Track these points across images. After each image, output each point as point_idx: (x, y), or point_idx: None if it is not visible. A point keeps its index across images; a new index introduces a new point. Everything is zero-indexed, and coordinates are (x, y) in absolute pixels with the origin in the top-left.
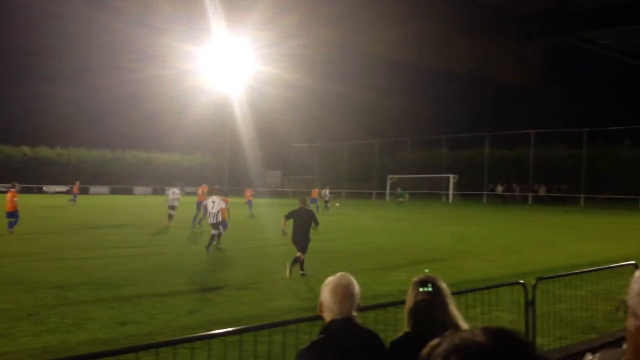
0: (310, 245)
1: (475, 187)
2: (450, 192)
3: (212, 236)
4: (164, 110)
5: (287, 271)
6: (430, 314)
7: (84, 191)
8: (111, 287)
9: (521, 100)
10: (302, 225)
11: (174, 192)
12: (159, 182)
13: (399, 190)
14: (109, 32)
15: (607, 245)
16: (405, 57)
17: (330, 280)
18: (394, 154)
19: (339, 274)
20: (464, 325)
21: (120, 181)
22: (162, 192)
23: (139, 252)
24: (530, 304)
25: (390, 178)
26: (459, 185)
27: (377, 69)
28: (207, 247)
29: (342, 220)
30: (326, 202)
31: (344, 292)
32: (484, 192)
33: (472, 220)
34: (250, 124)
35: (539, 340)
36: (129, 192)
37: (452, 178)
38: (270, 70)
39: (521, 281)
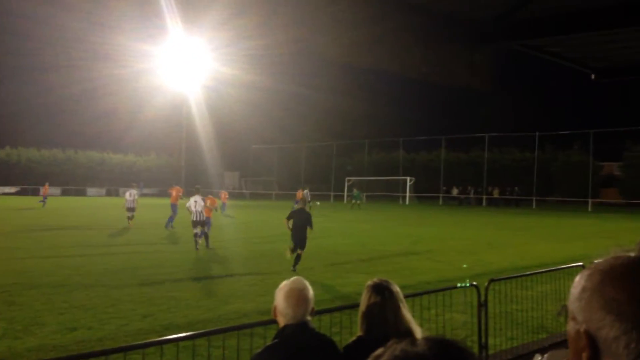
0: (267, 247)
1: (432, 189)
2: (407, 194)
3: (196, 234)
4: (118, 110)
5: (287, 252)
6: (382, 318)
7: (34, 192)
8: (61, 291)
9: (476, 105)
10: (300, 224)
11: (130, 194)
12: (113, 183)
13: (355, 191)
14: (58, 29)
15: (556, 246)
16: (360, 61)
17: (284, 284)
18: (352, 156)
19: (292, 278)
20: (416, 329)
21: (73, 182)
22: (116, 194)
23: (91, 254)
24: (482, 305)
25: (348, 180)
26: (415, 188)
27: (336, 71)
28: (196, 246)
29: None
30: (308, 202)
31: (297, 297)
32: (440, 195)
33: (428, 222)
34: (208, 125)
35: (491, 341)
36: (81, 193)
37: (409, 180)
38: (228, 70)
39: (474, 283)
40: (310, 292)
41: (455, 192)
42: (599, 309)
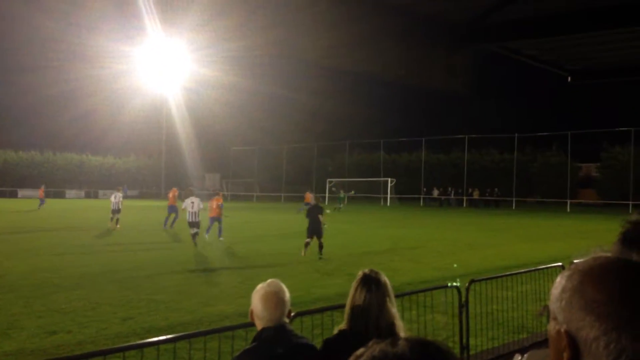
0: (248, 248)
1: (413, 190)
2: (388, 195)
3: (193, 234)
4: (97, 111)
5: (303, 251)
6: (366, 311)
7: (13, 194)
8: (40, 294)
9: (455, 106)
10: (314, 217)
11: (115, 196)
12: (92, 185)
13: (342, 193)
14: (35, 29)
15: (536, 247)
16: (340, 63)
17: (259, 287)
18: (333, 157)
19: (268, 280)
20: (399, 324)
21: (51, 184)
22: (95, 196)
23: (70, 257)
24: (463, 305)
25: (330, 181)
26: (396, 189)
27: (316, 72)
28: (195, 244)
29: (281, 224)
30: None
31: (273, 299)
32: (421, 196)
33: (409, 223)
34: (188, 127)
35: (472, 341)
36: (60, 195)
37: (389, 181)
38: (208, 72)
39: (455, 284)
40: (287, 294)
41: (435, 193)
42: (579, 310)
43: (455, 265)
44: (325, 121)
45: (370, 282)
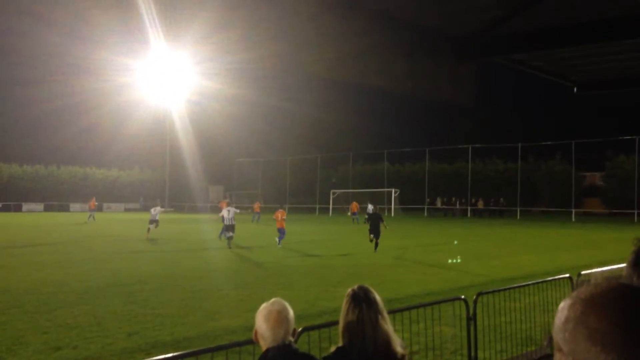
0: (254, 261)
1: (417, 201)
2: (392, 206)
3: (229, 237)
4: (101, 125)
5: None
6: (361, 332)
7: (16, 209)
8: (45, 309)
9: (459, 116)
10: (374, 222)
11: (155, 209)
12: (96, 198)
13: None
14: (39, 43)
15: (542, 257)
16: (344, 75)
17: (263, 307)
18: (337, 169)
19: (272, 299)
20: (395, 339)
21: (55, 198)
22: (100, 209)
23: (74, 272)
24: (471, 318)
25: (333, 192)
26: (400, 199)
27: (319, 84)
28: (229, 246)
29: (287, 235)
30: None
31: (276, 318)
32: (425, 206)
33: (414, 233)
34: (191, 139)
35: (480, 354)
36: (64, 209)
37: (394, 192)
38: (212, 84)
39: (462, 297)
40: (290, 312)
41: (439, 203)
42: (584, 340)
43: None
44: (329, 132)
45: (361, 301)
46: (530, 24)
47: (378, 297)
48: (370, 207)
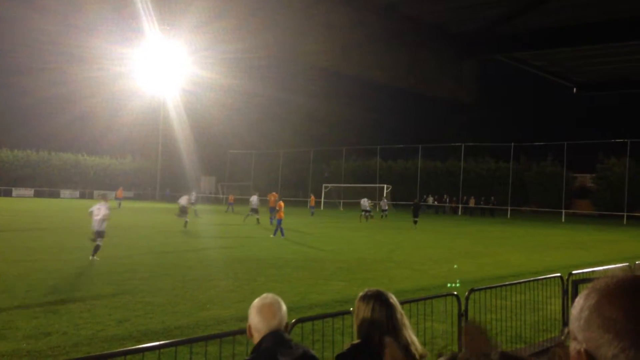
0: (243, 252)
1: (408, 197)
2: (384, 201)
3: (257, 218)
4: (95, 113)
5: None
6: (377, 326)
7: (7, 193)
8: (35, 295)
9: (452, 114)
10: (415, 210)
11: (183, 198)
12: (87, 185)
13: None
14: (32, 31)
15: (531, 256)
16: (343, 68)
17: (255, 302)
18: (329, 163)
19: (264, 294)
20: (413, 338)
21: (46, 184)
22: (90, 196)
23: (65, 258)
24: (463, 314)
25: (325, 187)
26: (392, 195)
27: (314, 75)
28: (257, 222)
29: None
30: (367, 211)
31: (269, 311)
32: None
33: (404, 229)
34: (185, 129)
35: None
36: (55, 195)
37: (385, 188)
38: (207, 74)
39: (455, 293)
40: (283, 307)
41: (431, 200)
42: (597, 328)
43: (455, 266)
44: (322, 124)
45: (387, 302)
46: (534, 23)
47: (396, 300)
48: (364, 201)
